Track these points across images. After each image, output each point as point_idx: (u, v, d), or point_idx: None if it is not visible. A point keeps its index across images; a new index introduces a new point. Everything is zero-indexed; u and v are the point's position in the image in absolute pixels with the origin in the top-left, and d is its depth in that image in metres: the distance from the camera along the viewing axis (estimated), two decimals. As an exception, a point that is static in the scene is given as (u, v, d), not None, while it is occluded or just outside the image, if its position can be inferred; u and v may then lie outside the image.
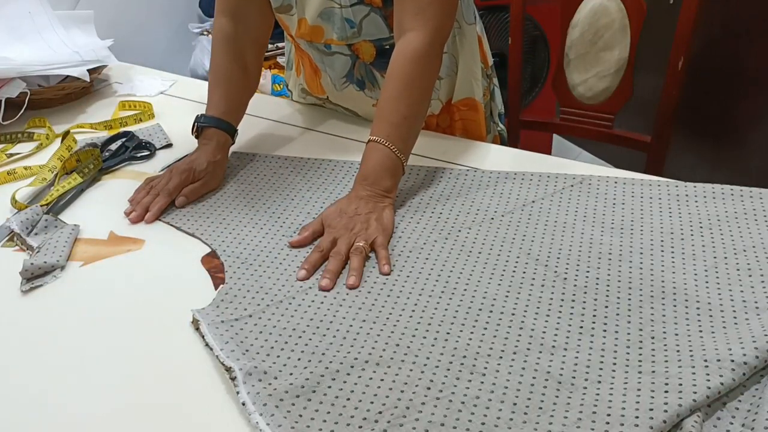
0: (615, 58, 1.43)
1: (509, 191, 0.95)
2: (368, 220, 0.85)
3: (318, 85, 1.16)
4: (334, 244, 0.82)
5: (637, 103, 1.48)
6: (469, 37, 1.10)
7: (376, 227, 0.84)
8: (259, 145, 1.11)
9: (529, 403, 0.62)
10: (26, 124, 1.19)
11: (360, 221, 0.84)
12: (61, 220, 0.92)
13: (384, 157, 0.89)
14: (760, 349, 0.65)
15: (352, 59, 1.07)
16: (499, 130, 1.24)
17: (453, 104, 1.14)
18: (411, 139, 0.93)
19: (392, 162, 0.89)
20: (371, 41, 1.04)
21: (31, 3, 1.31)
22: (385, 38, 1.03)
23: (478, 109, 1.15)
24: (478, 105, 1.14)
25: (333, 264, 0.79)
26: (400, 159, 0.89)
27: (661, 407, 0.60)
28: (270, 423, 0.60)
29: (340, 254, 0.80)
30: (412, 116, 0.91)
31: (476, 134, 1.17)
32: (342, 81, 1.11)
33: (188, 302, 0.75)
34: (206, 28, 1.91)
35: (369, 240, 0.82)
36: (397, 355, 0.68)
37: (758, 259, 0.78)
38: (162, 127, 1.15)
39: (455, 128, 1.16)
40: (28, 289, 0.80)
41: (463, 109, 1.14)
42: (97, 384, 0.67)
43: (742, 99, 1.75)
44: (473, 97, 1.13)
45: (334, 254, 0.81)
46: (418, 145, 0.94)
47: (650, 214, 0.88)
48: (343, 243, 0.82)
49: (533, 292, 0.76)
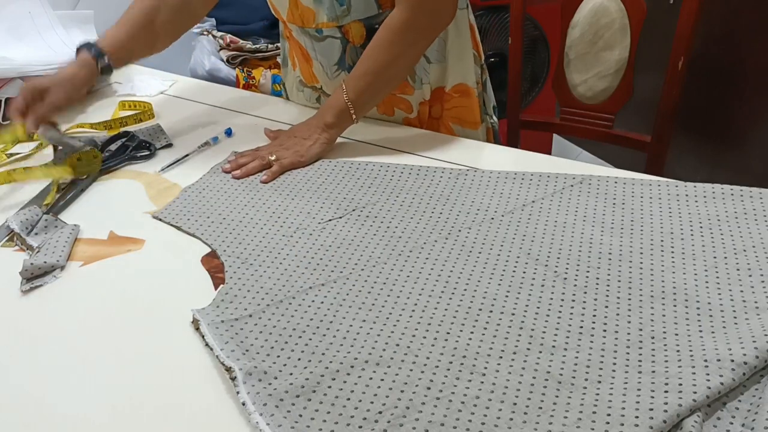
0: (615, 58, 1.43)
1: (509, 191, 0.95)
2: (297, 144, 1.02)
3: (311, 74, 1.18)
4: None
5: (637, 103, 1.48)
6: (460, 22, 1.11)
7: (294, 152, 1.01)
8: (259, 145, 1.11)
9: (529, 403, 0.62)
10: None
11: (294, 143, 1.03)
12: (61, 220, 0.92)
13: (336, 98, 1.03)
14: (760, 349, 0.65)
15: (342, 43, 1.08)
16: (492, 123, 1.24)
17: (446, 92, 1.15)
18: (367, 94, 1.02)
19: (339, 104, 1.02)
20: (361, 20, 1.05)
21: (31, 3, 1.31)
22: (374, 16, 1.04)
23: (470, 95, 1.16)
24: (470, 90, 1.16)
25: (252, 164, 1.00)
26: (347, 104, 1.01)
27: (661, 407, 0.60)
28: (270, 423, 0.60)
29: (259, 157, 1.01)
30: (372, 73, 1.01)
31: (470, 121, 1.18)
32: (334, 69, 1.13)
33: (188, 302, 0.75)
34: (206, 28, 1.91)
35: (280, 158, 1.01)
36: (397, 355, 0.68)
37: (758, 259, 0.78)
38: (162, 126, 1.15)
39: (448, 117, 1.17)
40: (27, 289, 0.80)
41: (455, 96, 1.15)
42: (96, 384, 0.67)
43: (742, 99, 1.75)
44: (465, 83, 1.15)
45: (259, 159, 1.01)
46: (418, 145, 0.95)
47: (650, 214, 0.88)
48: (266, 150, 1.03)
49: (533, 292, 0.76)
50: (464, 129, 1.18)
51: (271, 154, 1.01)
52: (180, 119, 1.18)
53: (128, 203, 0.97)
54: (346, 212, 0.91)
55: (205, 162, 1.06)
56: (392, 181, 0.98)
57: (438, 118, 1.18)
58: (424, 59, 1.11)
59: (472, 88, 1.16)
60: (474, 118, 1.18)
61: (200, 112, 1.24)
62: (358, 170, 1.01)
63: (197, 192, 0.98)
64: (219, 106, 1.26)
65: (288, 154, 1.02)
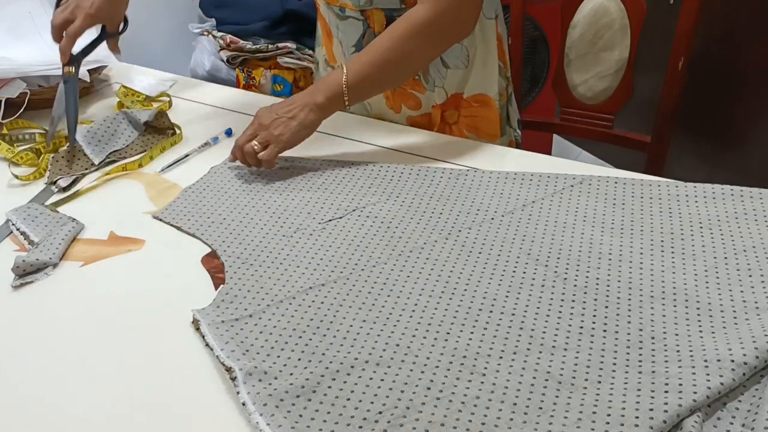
0: (615, 58, 1.43)
1: (509, 191, 0.95)
2: (281, 125, 0.96)
3: (332, 53, 1.17)
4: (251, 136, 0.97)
5: (637, 103, 1.48)
6: (487, 32, 1.09)
7: (278, 135, 0.95)
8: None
9: (529, 403, 0.62)
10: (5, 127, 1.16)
11: (276, 124, 0.96)
12: (65, 215, 0.92)
13: (333, 79, 0.96)
14: (760, 349, 0.65)
15: (364, 26, 1.07)
16: (516, 136, 1.22)
17: (464, 99, 1.13)
18: (365, 84, 0.97)
19: (335, 86, 0.96)
20: (383, 10, 1.04)
21: (32, 3, 1.31)
22: (396, 9, 1.04)
23: (490, 106, 1.13)
24: (491, 102, 1.13)
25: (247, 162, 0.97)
26: (343, 88, 0.95)
27: (661, 407, 0.60)
28: (270, 423, 0.60)
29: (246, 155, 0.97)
30: (378, 65, 0.96)
31: (487, 131, 1.16)
32: (352, 51, 1.12)
33: (188, 302, 0.75)
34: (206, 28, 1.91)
35: (263, 142, 0.95)
36: (397, 355, 0.68)
37: (758, 260, 0.78)
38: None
39: (462, 124, 1.15)
40: (18, 285, 0.80)
41: (474, 105, 1.13)
42: (96, 384, 0.67)
43: (742, 99, 1.75)
44: (486, 93, 1.13)
45: (246, 155, 0.97)
46: (418, 145, 0.94)
47: (650, 215, 0.88)
48: (244, 138, 0.97)
49: (533, 292, 0.76)
50: (479, 138, 1.15)
51: (255, 142, 0.95)
52: (180, 119, 1.18)
53: (128, 203, 0.97)
54: (346, 212, 0.91)
55: (205, 162, 1.06)
56: (392, 181, 0.98)
57: (452, 123, 1.16)
58: (440, 62, 1.09)
59: (493, 99, 1.13)
60: (492, 130, 1.16)
61: (200, 112, 1.24)
62: (358, 170, 1.01)
63: (197, 192, 0.98)
64: (219, 106, 1.26)
65: (273, 139, 0.95)
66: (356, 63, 0.96)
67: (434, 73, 1.10)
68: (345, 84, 0.95)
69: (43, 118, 1.21)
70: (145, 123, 1.10)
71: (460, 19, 0.96)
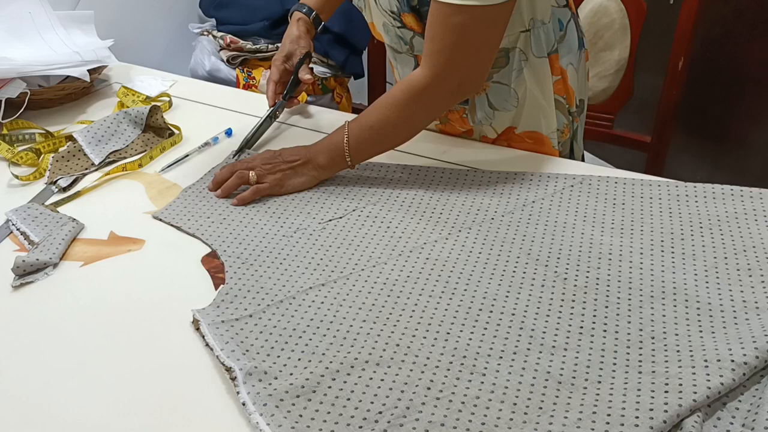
0: (615, 58, 1.43)
1: (509, 191, 0.95)
2: (281, 171, 0.96)
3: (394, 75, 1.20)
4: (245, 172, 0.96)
5: (637, 103, 1.48)
6: (538, 71, 1.03)
7: (275, 179, 0.96)
8: (260, 146, 1.11)
9: (529, 403, 0.62)
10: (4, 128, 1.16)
11: (277, 168, 0.97)
12: (65, 215, 0.92)
13: (336, 139, 0.97)
14: (760, 349, 0.65)
15: (414, 62, 1.07)
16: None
17: (516, 133, 1.09)
18: (366, 146, 0.97)
19: (337, 148, 0.96)
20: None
21: (32, 3, 1.31)
22: None
23: (544, 143, 1.09)
24: (545, 140, 1.08)
25: (231, 182, 0.95)
26: (344, 152, 0.96)
27: (661, 407, 0.60)
28: (270, 423, 0.60)
29: (238, 171, 0.96)
30: (378, 129, 0.95)
31: None
32: None
33: (188, 302, 0.75)
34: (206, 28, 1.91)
35: (260, 179, 0.95)
36: (397, 355, 0.68)
37: (758, 259, 0.78)
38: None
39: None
40: (18, 285, 0.80)
41: (528, 141, 1.09)
42: (96, 384, 0.67)
43: (742, 99, 1.75)
44: (539, 131, 1.08)
45: (237, 175, 0.95)
46: (418, 145, 0.94)
47: (650, 214, 0.88)
48: (246, 165, 0.97)
49: (533, 292, 0.76)
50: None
51: (252, 172, 0.96)
52: (180, 119, 1.18)
53: (128, 203, 0.97)
54: (346, 212, 0.91)
55: (205, 162, 1.06)
56: (392, 181, 0.98)
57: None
58: (486, 103, 1.05)
59: (547, 137, 1.08)
60: None
61: (200, 112, 1.24)
62: (359, 170, 1.01)
63: (197, 192, 0.98)
64: (219, 106, 1.26)
65: (269, 180, 0.96)
66: (356, 126, 0.96)
67: (481, 114, 1.07)
68: (347, 145, 0.95)
69: (43, 118, 1.21)
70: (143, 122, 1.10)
71: (461, 83, 0.92)
